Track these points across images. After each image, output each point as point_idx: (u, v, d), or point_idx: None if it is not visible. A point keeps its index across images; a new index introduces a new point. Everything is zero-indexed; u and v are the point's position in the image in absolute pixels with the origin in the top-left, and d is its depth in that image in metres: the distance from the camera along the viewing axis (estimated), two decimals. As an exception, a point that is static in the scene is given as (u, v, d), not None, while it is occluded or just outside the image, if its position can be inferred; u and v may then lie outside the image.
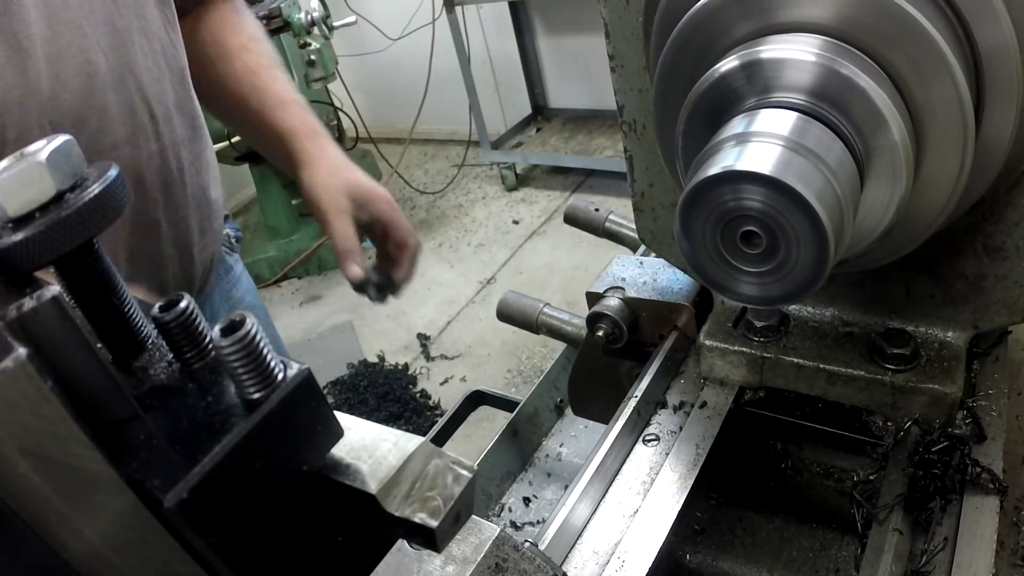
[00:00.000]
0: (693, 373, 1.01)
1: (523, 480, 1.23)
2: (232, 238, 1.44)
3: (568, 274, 3.92)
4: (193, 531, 0.34)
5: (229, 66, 1.30)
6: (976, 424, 0.83)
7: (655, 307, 1.05)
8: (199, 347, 0.40)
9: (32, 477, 0.30)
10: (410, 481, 0.39)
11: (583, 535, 0.82)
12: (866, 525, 0.82)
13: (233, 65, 1.30)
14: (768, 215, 0.60)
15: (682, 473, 0.86)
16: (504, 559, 0.58)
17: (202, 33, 1.30)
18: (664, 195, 0.97)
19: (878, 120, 0.62)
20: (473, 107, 4.76)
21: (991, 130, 0.69)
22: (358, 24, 4.29)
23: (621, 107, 0.93)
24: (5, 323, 0.31)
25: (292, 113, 1.27)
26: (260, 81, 1.29)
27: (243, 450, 0.35)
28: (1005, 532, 0.78)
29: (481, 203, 4.89)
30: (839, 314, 0.93)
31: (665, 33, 0.75)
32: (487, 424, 2.10)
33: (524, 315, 1.23)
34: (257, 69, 1.30)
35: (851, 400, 0.88)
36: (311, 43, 3.80)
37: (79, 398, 0.33)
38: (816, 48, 0.63)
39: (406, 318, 3.91)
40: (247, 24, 1.36)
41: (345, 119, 4.64)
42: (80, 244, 0.38)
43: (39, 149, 0.37)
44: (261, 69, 1.30)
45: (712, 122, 0.68)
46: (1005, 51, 0.65)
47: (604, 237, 1.36)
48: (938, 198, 0.70)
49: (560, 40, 5.04)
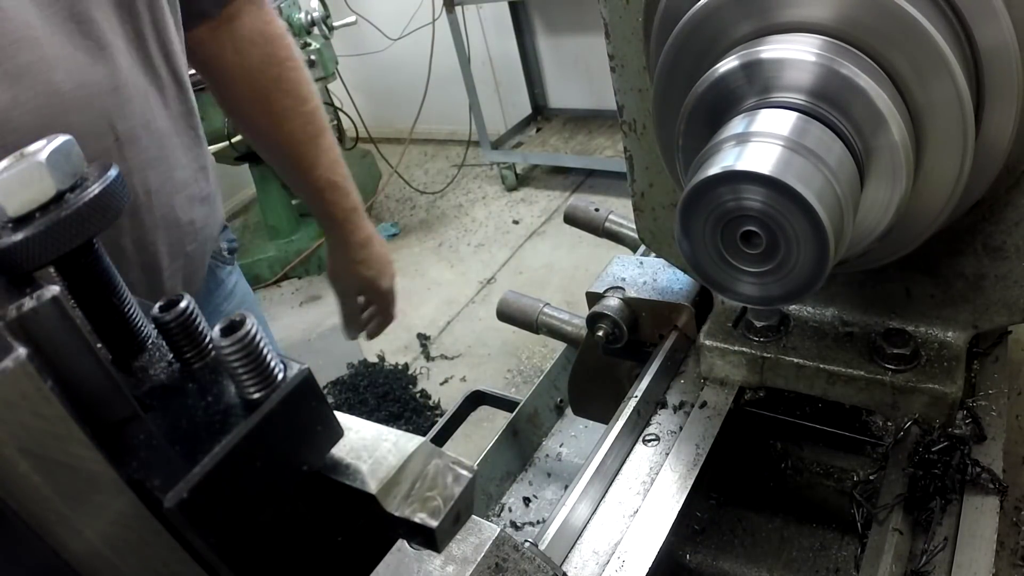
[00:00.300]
0: (693, 373, 1.01)
1: (523, 480, 1.23)
2: (225, 251, 1.40)
3: (568, 274, 3.92)
4: (193, 531, 0.34)
5: (285, 121, 1.35)
6: (976, 424, 0.83)
7: (655, 307, 1.05)
8: (199, 347, 0.40)
9: (32, 477, 0.30)
10: (410, 481, 0.39)
11: (583, 535, 0.82)
12: (866, 525, 0.82)
13: (288, 119, 1.35)
14: (768, 215, 0.60)
15: (682, 473, 0.86)
16: (504, 559, 0.58)
17: (242, 38, 1.29)
18: (664, 195, 0.97)
19: (878, 120, 0.62)
20: (473, 107, 4.76)
21: (991, 130, 0.69)
22: (358, 24, 4.30)
23: (621, 107, 0.93)
24: (5, 323, 0.31)
25: (331, 197, 1.43)
26: (312, 150, 1.37)
27: (243, 450, 0.35)
28: (1005, 532, 0.78)
29: (481, 203, 4.89)
30: (839, 314, 0.93)
31: (665, 33, 0.75)
32: (487, 424, 2.10)
33: (524, 315, 1.23)
34: (313, 136, 1.37)
35: (851, 400, 0.88)
36: (311, 43, 3.80)
37: (79, 398, 0.33)
38: (816, 48, 0.63)
39: (406, 318, 3.91)
40: (285, 43, 1.35)
41: (345, 119, 4.65)
42: (80, 244, 0.38)
43: (39, 149, 0.37)
44: (316, 136, 1.38)
45: (712, 122, 0.68)
46: (1005, 51, 0.65)
47: (604, 237, 1.36)
48: (938, 198, 0.70)
49: (560, 40, 5.04)
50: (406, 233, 4.75)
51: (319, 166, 1.39)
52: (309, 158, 1.38)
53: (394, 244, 4.63)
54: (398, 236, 4.72)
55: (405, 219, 4.91)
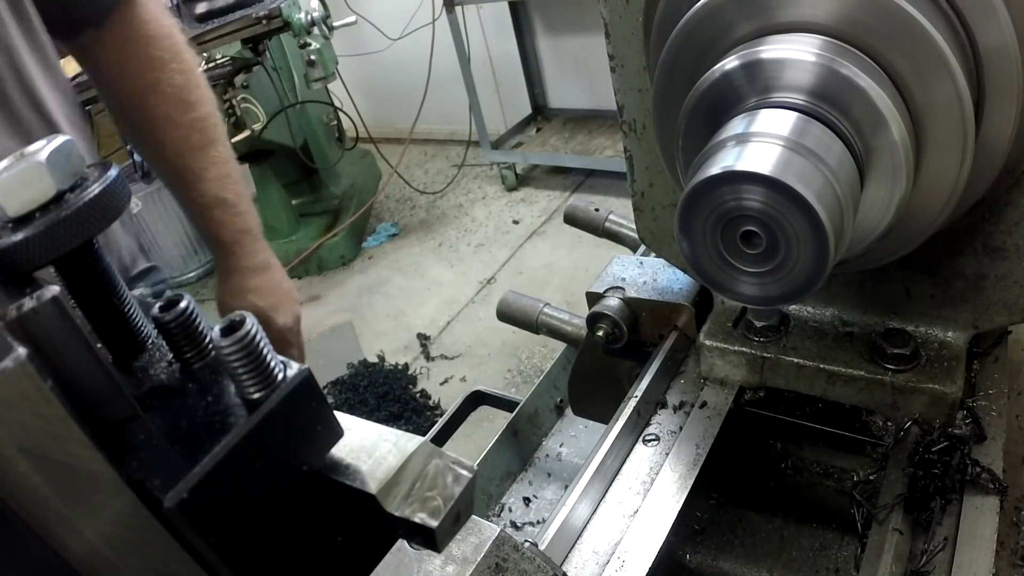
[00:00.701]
0: (693, 373, 1.00)
1: (523, 480, 1.23)
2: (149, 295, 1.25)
3: (568, 274, 3.92)
4: (193, 531, 0.34)
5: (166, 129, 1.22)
6: (976, 424, 0.83)
7: (655, 307, 1.05)
8: (199, 347, 0.40)
9: (32, 477, 0.30)
10: (410, 481, 0.39)
11: (583, 535, 0.82)
12: (866, 525, 0.82)
13: (170, 127, 1.22)
14: (768, 215, 0.60)
15: (682, 473, 0.86)
16: (504, 559, 0.58)
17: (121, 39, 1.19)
18: (664, 195, 0.97)
19: (878, 120, 0.62)
20: (473, 107, 4.76)
21: (991, 130, 0.69)
22: (358, 24, 4.29)
23: (621, 107, 0.93)
24: (5, 323, 0.31)
25: (219, 216, 1.26)
26: (197, 162, 1.23)
27: (243, 450, 0.35)
28: (1005, 532, 0.78)
29: (481, 203, 4.89)
30: (839, 314, 0.93)
31: (665, 33, 0.75)
32: (487, 424, 2.10)
33: (524, 315, 1.23)
34: (200, 146, 1.24)
35: (851, 400, 0.88)
36: (311, 43, 3.79)
37: (79, 398, 0.33)
38: (816, 48, 0.63)
39: (406, 318, 3.91)
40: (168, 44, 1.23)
41: (345, 119, 4.64)
42: (80, 244, 0.38)
43: (39, 149, 0.37)
44: (204, 147, 1.24)
45: (712, 122, 0.68)
46: (1005, 51, 0.65)
47: (604, 237, 1.36)
48: (938, 198, 0.70)
49: (560, 40, 5.04)
50: (406, 233, 4.75)
51: (204, 180, 1.24)
52: (193, 170, 1.24)
53: (394, 244, 4.63)
54: (398, 236, 4.72)
55: (405, 219, 4.91)
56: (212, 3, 3.73)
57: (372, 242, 4.67)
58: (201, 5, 3.74)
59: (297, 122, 4.27)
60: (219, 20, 3.66)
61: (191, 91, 1.24)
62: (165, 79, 1.21)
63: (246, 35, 3.62)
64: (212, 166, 1.25)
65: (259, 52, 3.77)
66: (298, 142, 4.26)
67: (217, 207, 1.26)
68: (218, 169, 1.26)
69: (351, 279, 4.31)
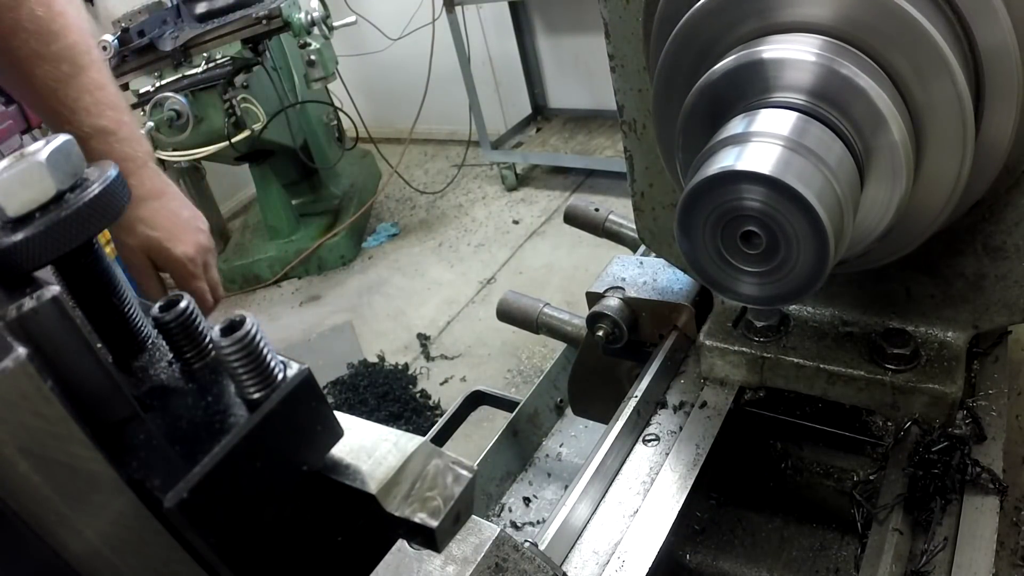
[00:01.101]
0: (693, 373, 1.00)
1: (523, 480, 1.23)
2: None
3: (568, 274, 3.92)
4: (193, 531, 0.34)
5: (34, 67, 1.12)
6: (976, 424, 0.83)
7: (655, 307, 1.05)
8: (199, 347, 0.40)
9: (32, 477, 0.30)
10: (410, 481, 0.39)
11: (583, 535, 0.82)
12: (866, 525, 0.82)
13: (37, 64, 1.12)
14: (768, 215, 0.60)
15: (682, 473, 0.86)
16: (504, 559, 0.58)
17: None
18: (664, 195, 0.97)
19: (878, 120, 0.62)
20: (473, 107, 4.76)
21: (991, 130, 0.69)
22: (358, 24, 4.29)
23: (621, 107, 0.93)
24: (5, 323, 0.31)
25: (100, 146, 1.16)
26: (70, 93, 1.14)
27: (243, 450, 0.35)
28: (1005, 532, 0.78)
29: (481, 203, 4.89)
30: (839, 314, 0.93)
31: (665, 33, 0.75)
32: (487, 424, 2.10)
33: (524, 315, 1.23)
34: (69, 76, 1.14)
35: (851, 400, 0.88)
36: (311, 43, 3.79)
37: (79, 398, 0.33)
38: (816, 48, 0.63)
39: (406, 318, 3.91)
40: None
41: (345, 119, 4.64)
42: (80, 244, 0.38)
43: (39, 149, 0.37)
44: (73, 76, 1.14)
45: (712, 122, 0.68)
46: (1005, 51, 0.65)
47: (604, 237, 1.36)
48: (938, 198, 0.70)
49: (560, 40, 5.04)
50: (406, 233, 4.75)
51: (78, 111, 1.14)
52: (68, 103, 1.14)
53: (394, 244, 4.63)
54: (398, 236, 4.72)
55: (405, 219, 4.91)
56: (212, 3, 3.73)
57: (372, 242, 4.67)
58: (201, 5, 3.74)
59: (297, 122, 4.27)
60: (219, 20, 3.66)
61: (53, 20, 1.14)
62: (25, 15, 1.12)
63: (246, 35, 3.62)
64: (85, 94, 1.16)
65: (259, 52, 3.77)
66: (298, 142, 4.26)
67: (95, 137, 1.16)
68: (93, 96, 1.16)
69: (351, 279, 4.31)
